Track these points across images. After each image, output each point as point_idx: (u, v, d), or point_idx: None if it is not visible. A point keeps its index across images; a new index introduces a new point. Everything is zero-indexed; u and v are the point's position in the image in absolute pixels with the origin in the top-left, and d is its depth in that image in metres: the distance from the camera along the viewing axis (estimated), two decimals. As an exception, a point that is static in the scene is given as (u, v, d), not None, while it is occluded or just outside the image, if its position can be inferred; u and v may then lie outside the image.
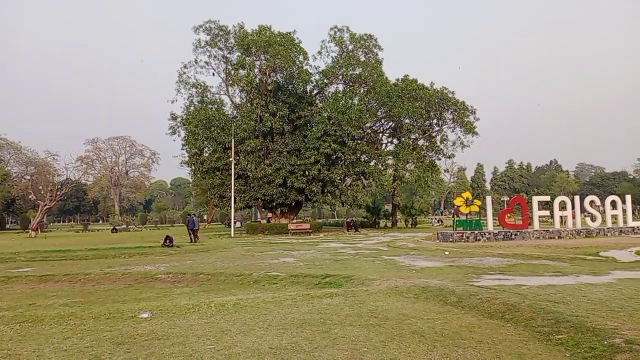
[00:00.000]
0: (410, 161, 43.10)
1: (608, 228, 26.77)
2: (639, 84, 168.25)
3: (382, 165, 44.33)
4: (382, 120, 45.05)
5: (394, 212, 50.50)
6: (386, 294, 9.25)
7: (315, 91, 44.48)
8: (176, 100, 44.16)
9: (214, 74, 43.83)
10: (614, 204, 27.94)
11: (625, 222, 27.75)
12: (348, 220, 45.53)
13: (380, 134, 46.42)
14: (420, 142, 44.97)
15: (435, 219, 59.27)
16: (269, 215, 47.98)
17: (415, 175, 44.46)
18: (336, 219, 75.32)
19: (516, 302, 7.53)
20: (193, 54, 43.40)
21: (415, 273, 12.54)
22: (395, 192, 49.00)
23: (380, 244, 24.96)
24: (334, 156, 40.40)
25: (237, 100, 45.22)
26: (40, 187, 57.95)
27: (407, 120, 42.70)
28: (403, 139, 43.16)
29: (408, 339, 6.01)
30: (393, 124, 44.83)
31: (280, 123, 39.38)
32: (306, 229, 37.48)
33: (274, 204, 41.97)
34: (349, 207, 49.46)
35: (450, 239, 24.48)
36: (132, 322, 7.32)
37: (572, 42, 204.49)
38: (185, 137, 43.05)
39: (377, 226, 47.93)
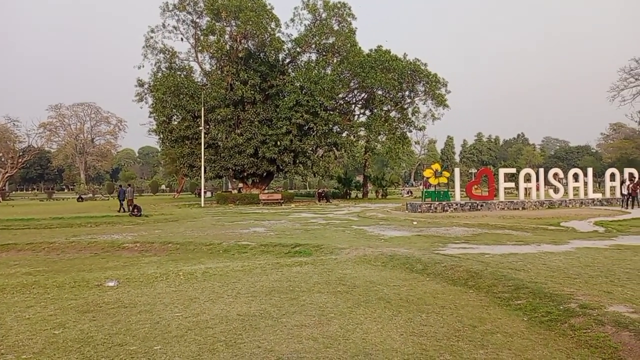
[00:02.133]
0: (382, 133, 43.30)
1: (570, 199, 27.78)
2: (601, 66, 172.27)
3: (354, 137, 44.47)
4: (355, 91, 44.88)
5: (365, 183, 50.96)
6: (355, 262, 9.40)
7: (287, 60, 43.76)
8: (143, 66, 42.79)
9: (182, 40, 42.54)
10: (576, 177, 28.93)
11: (586, 194, 28.86)
12: (319, 191, 45.74)
13: (353, 105, 46.32)
14: (392, 113, 45.14)
15: (405, 190, 60.23)
16: (240, 185, 47.74)
17: (386, 146, 44.78)
18: (308, 189, 75.53)
19: (479, 269, 7.78)
20: (161, 18, 41.91)
21: (383, 242, 12.77)
22: (367, 164, 49.32)
23: (351, 214, 25.24)
24: (306, 127, 40.20)
25: (207, 67, 44.15)
26: (1, 154, 55.70)
27: (379, 92, 42.68)
28: (375, 110, 43.19)
29: (374, 305, 6.14)
30: (366, 95, 44.74)
31: (252, 92, 38.72)
32: (277, 200, 37.49)
33: (245, 174, 41.69)
34: (320, 178, 49.56)
35: (419, 210, 24.95)
36: (98, 291, 7.23)
37: (543, 20, 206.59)
38: (153, 104, 41.94)
39: (348, 197, 48.37)
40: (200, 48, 41.43)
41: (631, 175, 28.21)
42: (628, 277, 7.36)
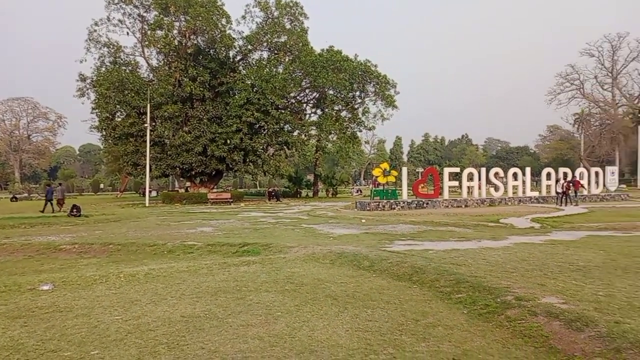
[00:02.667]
0: (332, 132, 43.66)
1: (509, 197, 29.16)
2: (540, 71, 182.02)
3: (305, 136, 44.56)
4: (307, 91, 44.98)
5: (316, 182, 51.24)
6: (303, 260, 9.41)
7: (238, 57, 43.20)
8: (85, 60, 40.92)
9: (128, 34, 40.99)
10: (515, 176, 30.41)
11: (524, 192, 30.38)
12: (270, 189, 45.51)
13: (305, 104, 46.40)
14: (343, 113, 45.62)
15: (355, 189, 61.05)
16: (188, 184, 46.64)
17: (337, 146, 45.21)
18: (258, 188, 74.94)
19: (423, 265, 8.00)
20: (105, 11, 40.15)
21: (332, 240, 12.87)
22: (318, 163, 49.64)
23: (301, 213, 25.27)
24: (257, 125, 39.87)
25: (154, 62, 42.79)
26: None
27: (331, 92, 43.00)
28: (326, 110, 43.48)
29: (321, 302, 6.17)
30: (317, 95, 44.95)
31: (201, 89, 37.91)
32: (227, 199, 36.93)
33: (193, 172, 40.78)
34: (271, 176, 49.36)
35: (368, 208, 25.36)
36: (31, 295, 6.81)
37: (487, 27, 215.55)
38: (95, 100, 40.18)
39: (298, 196, 48.42)
40: (147, 43, 40.08)
41: (565, 174, 30.02)
42: (560, 270, 7.81)
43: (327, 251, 10.06)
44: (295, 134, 43.48)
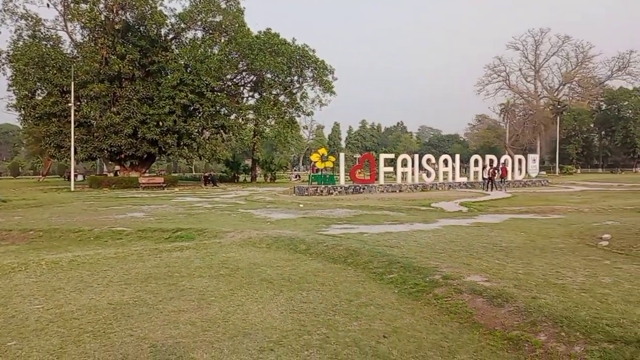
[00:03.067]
0: (270, 116, 43.22)
1: (440, 183, 30.44)
2: (471, 61, 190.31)
3: (242, 120, 43.79)
4: (244, 73, 44.09)
5: (254, 167, 50.67)
6: (239, 245, 9.30)
7: (170, 36, 41.39)
8: (0, 33, 37.42)
9: (48, 6, 37.88)
10: (446, 162, 31.75)
11: (454, 178, 31.86)
12: (206, 174, 44.47)
13: (242, 88, 45.51)
14: (281, 98, 45.25)
15: (294, 174, 61.10)
16: (117, 168, 44.46)
17: (275, 130, 44.85)
18: (194, 173, 72.94)
19: (357, 247, 8.17)
20: (21, -21, 36.83)
21: (269, 225, 12.81)
22: (256, 147, 49.04)
23: (238, 197, 24.92)
24: (192, 107, 38.59)
25: (78, 38, 40.04)
26: None
27: (268, 75, 42.42)
28: (264, 93, 42.91)
29: (256, 286, 6.14)
30: (255, 78, 44.21)
31: (130, 67, 36.00)
32: (159, 183, 35.63)
33: (123, 156, 38.91)
34: (207, 161, 48.12)
35: (306, 193, 25.48)
36: None
37: (425, 18, 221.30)
38: (12, 76, 37.01)
39: (236, 181, 47.70)
40: (70, 16, 37.31)
41: (491, 161, 31.76)
42: (485, 250, 8.27)
43: (263, 235, 10.00)
44: (232, 117, 42.58)
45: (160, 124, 36.66)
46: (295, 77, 44.44)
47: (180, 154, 40.33)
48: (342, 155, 29.92)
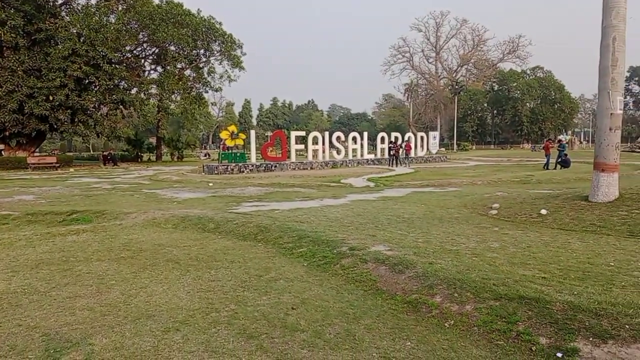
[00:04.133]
0: (176, 92, 41.28)
1: (350, 160, 31.31)
2: (378, 40, 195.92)
3: (144, 95, 41.16)
4: (145, 45, 41.39)
5: (159, 145, 48.22)
6: (142, 226, 8.86)
7: (60, 1, 37.47)
8: None
9: None
10: (355, 140, 32.68)
11: (362, 154, 32.93)
12: (105, 153, 41.51)
13: (143, 60, 42.72)
14: (187, 72, 43.32)
15: (203, 152, 59.22)
16: (1, 147, 39.91)
17: (181, 107, 42.95)
18: (92, 152, 67.81)
19: (268, 224, 8.16)
20: None
21: (176, 205, 12.34)
22: (160, 124, 46.48)
23: (142, 177, 23.67)
24: (86, 80, 35.53)
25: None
26: None
27: (172, 48, 40.34)
28: (168, 67, 40.79)
29: (161, 267, 5.90)
30: (157, 50, 41.74)
31: (12, 35, 32.12)
32: (52, 163, 32.69)
33: (7, 133, 35.00)
34: (106, 139, 44.82)
35: (216, 172, 24.87)
36: None
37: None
38: None
39: (139, 160, 45.12)
40: None
41: (396, 138, 33.25)
42: (389, 222, 8.68)
43: (169, 215, 9.62)
44: (133, 92, 39.85)
45: (51, 98, 33.33)
46: (202, 51, 42.72)
47: (75, 131, 37.08)
48: (253, 132, 29.53)
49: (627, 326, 3.43)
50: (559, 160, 24.05)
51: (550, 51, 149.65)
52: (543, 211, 8.87)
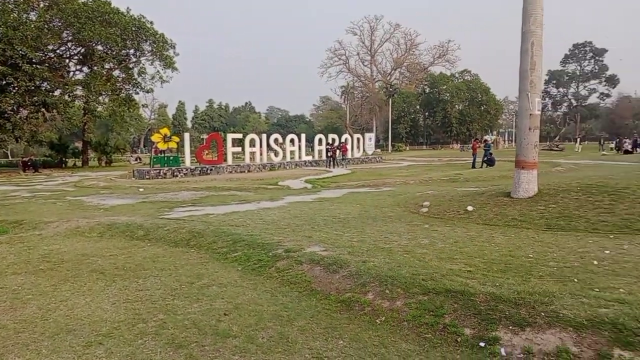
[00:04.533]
0: (103, 93, 39.25)
1: (287, 162, 31.26)
2: (317, 43, 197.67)
3: (69, 96, 38.70)
4: (70, 44, 39.04)
5: (85, 149, 45.57)
6: (64, 236, 8.32)
7: (-29, -5, 34.47)
8: None
9: None
10: (292, 142, 32.68)
11: (300, 156, 32.97)
12: (25, 159, 38.66)
13: (67, 60, 40.26)
14: (116, 72, 41.38)
15: (133, 156, 56.82)
16: None
17: (110, 109, 40.88)
18: (10, 158, 62.95)
19: (202, 229, 7.94)
20: None
21: (103, 212, 11.71)
22: (87, 127, 43.96)
23: (66, 184, 22.29)
24: (4, 82, 32.93)
25: None
26: None
27: (99, 47, 38.37)
28: (95, 67, 38.71)
29: (85, 278, 5.57)
30: (83, 50, 39.47)
31: None
32: (-36, 171, 29.94)
33: None
34: (26, 144, 41.76)
35: (147, 176, 23.92)
36: None
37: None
38: None
39: (64, 166, 42.44)
40: None
41: (333, 140, 33.62)
42: (325, 223, 8.74)
43: (94, 223, 9.10)
44: (56, 93, 37.40)
45: (-39, 100, 30.61)
46: (132, 51, 40.92)
47: (-10, 136, 34.30)
48: (187, 135, 28.70)
49: (543, 313, 3.66)
50: (485, 159, 25.41)
51: (477, 55, 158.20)
52: (469, 208, 9.32)
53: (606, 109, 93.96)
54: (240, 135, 34.88)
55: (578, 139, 63.16)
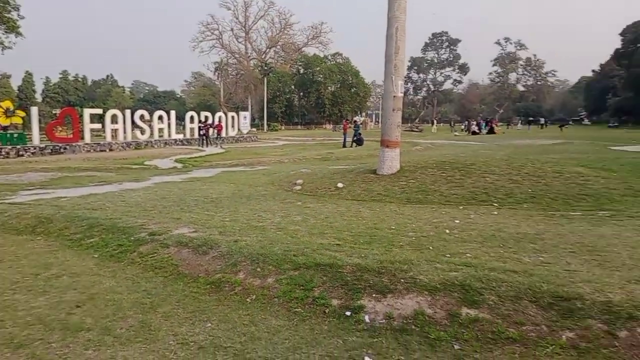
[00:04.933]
0: None
1: (155, 140, 29.41)
2: (185, 16, 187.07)
3: None
4: None
5: None
6: None
7: None
8: None
9: None
10: (161, 119, 30.79)
11: (170, 135, 31.24)
12: None
13: None
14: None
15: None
16: None
17: None
18: None
19: (51, 214, 7.05)
20: None
21: None
22: None
23: None
24: None
25: None
26: None
27: None
28: None
29: None
30: None
31: None
32: None
33: None
34: None
35: (-15, 156, 20.66)
36: None
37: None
38: None
39: None
40: None
41: (206, 117, 32.49)
42: (196, 203, 8.37)
43: None
44: None
45: None
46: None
47: None
48: (34, 109, 25.36)
49: (402, 280, 3.90)
50: (355, 139, 26.69)
51: (348, 38, 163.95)
52: (340, 184, 9.67)
53: (458, 94, 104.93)
54: (100, 111, 31.93)
55: (434, 121, 69.49)
